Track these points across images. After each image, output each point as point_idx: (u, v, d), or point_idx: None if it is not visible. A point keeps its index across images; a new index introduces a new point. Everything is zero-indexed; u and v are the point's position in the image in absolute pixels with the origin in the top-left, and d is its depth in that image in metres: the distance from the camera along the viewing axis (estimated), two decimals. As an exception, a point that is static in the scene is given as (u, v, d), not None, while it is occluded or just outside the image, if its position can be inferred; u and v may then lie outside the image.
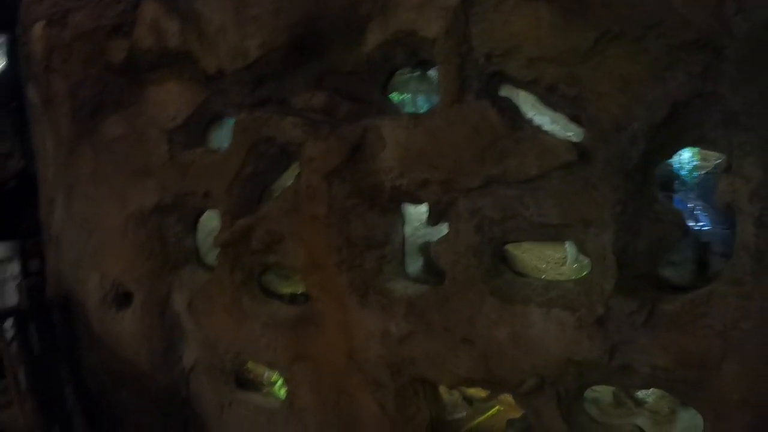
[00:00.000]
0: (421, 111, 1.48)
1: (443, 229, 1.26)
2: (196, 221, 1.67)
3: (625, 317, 1.06)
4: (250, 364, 1.68)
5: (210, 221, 1.65)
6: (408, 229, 1.37)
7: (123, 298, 1.73)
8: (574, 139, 1.09)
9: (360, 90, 1.36)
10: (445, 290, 1.25)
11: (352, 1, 1.33)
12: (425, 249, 1.34)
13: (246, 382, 1.69)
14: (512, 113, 1.16)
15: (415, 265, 1.36)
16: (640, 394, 1.23)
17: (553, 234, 1.13)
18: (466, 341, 1.23)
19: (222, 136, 1.64)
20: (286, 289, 1.54)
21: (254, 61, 1.44)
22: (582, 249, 1.12)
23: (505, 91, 1.20)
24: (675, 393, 1.14)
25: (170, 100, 1.63)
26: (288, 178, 1.50)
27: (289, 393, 1.56)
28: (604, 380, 1.15)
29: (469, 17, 1.16)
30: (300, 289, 1.52)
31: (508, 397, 1.31)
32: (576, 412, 1.20)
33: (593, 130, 1.07)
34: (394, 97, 1.59)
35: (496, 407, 1.38)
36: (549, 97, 1.12)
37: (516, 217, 1.14)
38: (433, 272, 1.34)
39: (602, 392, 1.22)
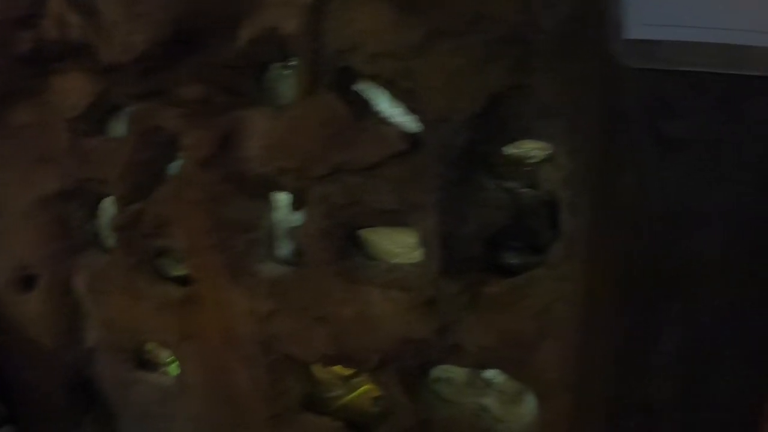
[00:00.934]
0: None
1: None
2: (96, 206, 1.73)
3: (452, 298, 1.14)
4: (149, 345, 1.75)
5: (111, 207, 1.72)
6: (279, 214, 1.44)
7: (28, 280, 1.80)
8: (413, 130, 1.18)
9: (235, 82, 1.43)
10: (302, 272, 1.33)
11: (229, -3, 1.40)
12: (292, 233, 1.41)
13: (145, 362, 1.76)
14: (360, 105, 1.24)
15: (286, 248, 1.44)
16: (488, 374, 1.31)
17: (392, 219, 1.21)
18: (319, 320, 1.31)
19: (121, 126, 1.71)
20: (179, 271, 1.61)
21: (142, 54, 1.51)
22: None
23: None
24: (505, 372, 1.22)
25: (72, 89, 1.70)
26: (177, 166, 1.57)
27: (180, 371, 1.63)
28: (441, 359, 1.24)
29: (322, 15, 1.24)
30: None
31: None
32: (422, 389, 1.29)
33: (423, 121, 1.15)
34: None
35: (367, 386, 1.46)
36: (390, 90, 1.20)
37: (360, 203, 1.22)
38: (301, 255, 1.42)
39: (456, 372, 1.30)
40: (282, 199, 1.44)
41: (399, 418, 1.28)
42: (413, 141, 1.15)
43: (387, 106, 1.27)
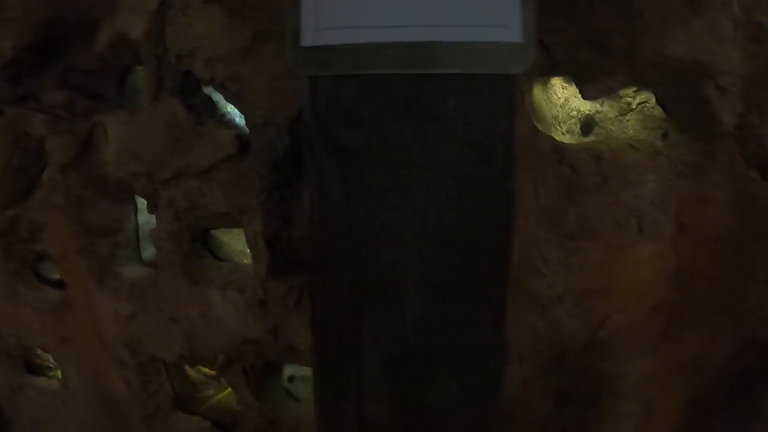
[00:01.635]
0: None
1: (161, 217, 1.35)
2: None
3: (280, 300, 1.16)
4: (39, 349, 1.76)
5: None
6: (143, 217, 1.46)
7: None
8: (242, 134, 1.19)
9: (97, 87, 1.45)
10: (157, 273, 1.34)
11: (89, 3, 1.42)
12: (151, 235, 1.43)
13: (35, 367, 1.77)
14: (203, 109, 1.26)
15: (151, 250, 1.45)
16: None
17: (227, 221, 1.23)
18: (173, 320, 1.33)
19: (2, 131, 1.72)
20: (58, 275, 1.62)
21: (10, 60, 1.52)
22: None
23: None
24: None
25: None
26: (52, 171, 1.58)
27: (62, 375, 1.65)
28: (281, 359, 1.26)
29: (165, 20, 1.25)
30: (66, 276, 1.60)
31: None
32: (270, 388, 1.30)
33: (250, 124, 1.16)
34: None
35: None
36: (223, 94, 1.22)
37: (199, 206, 1.24)
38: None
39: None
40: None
41: (247, 417, 1.30)
42: (243, 145, 1.17)
43: (231, 110, 1.29)
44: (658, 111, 1.27)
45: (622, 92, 1.29)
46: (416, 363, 0.66)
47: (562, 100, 1.29)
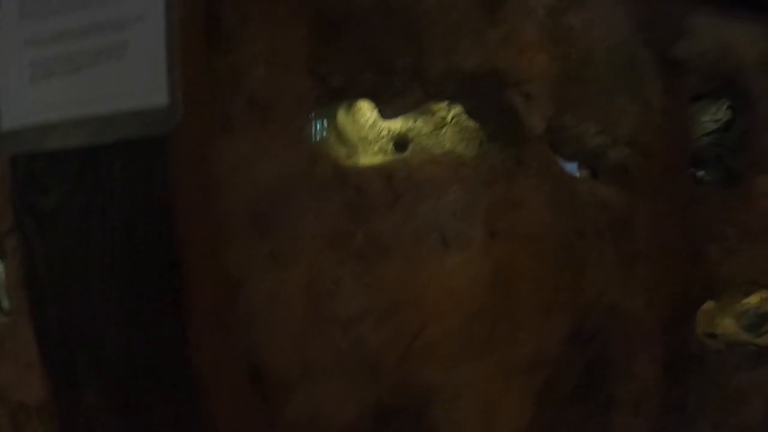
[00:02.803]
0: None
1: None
2: None
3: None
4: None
5: None
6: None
7: None
8: None
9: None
10: (11, 321, 1.37)
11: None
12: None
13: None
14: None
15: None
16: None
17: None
18: (28, 366, 1.35)
19: None
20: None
21: None
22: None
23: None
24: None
25: None
26: None
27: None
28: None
29: None
30: None
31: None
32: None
33: None
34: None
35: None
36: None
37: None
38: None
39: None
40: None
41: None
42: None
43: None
44: (474, 122, 1.32)
45: (435, 106, 1.33)
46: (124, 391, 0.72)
47: (372, 120, 1.33)
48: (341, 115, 1.12)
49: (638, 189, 1.68)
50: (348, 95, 0.99)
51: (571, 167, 1.66)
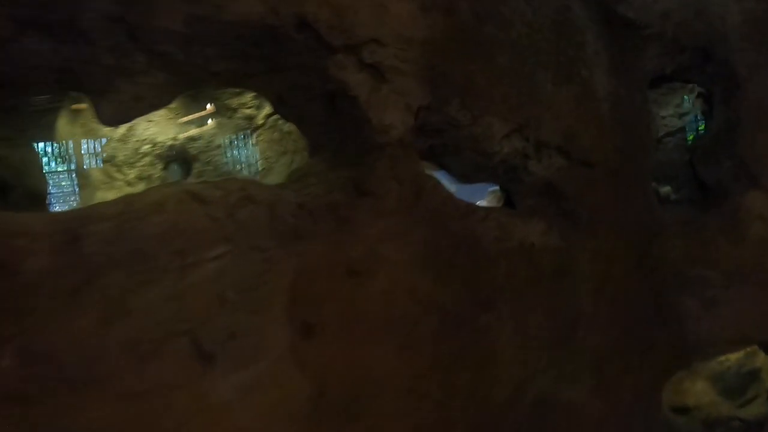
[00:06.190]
0: None
1: None
2: None
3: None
4: None
5: None
6: None
7: None
8: None
9: None
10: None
11: None
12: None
13: None
14: None
15: None
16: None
17: None
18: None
19: None
20: None
21: None
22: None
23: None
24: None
25: None
26: None
27: None
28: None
29: None
30: None
31: None
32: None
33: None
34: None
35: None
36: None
37: None
38: None
39: None
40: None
41: None
42: None
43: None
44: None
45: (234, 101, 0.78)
46: None
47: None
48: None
49: (576, 222, 1.19)
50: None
51: (461, 191, 1.04)
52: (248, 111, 1.02)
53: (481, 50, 1.01)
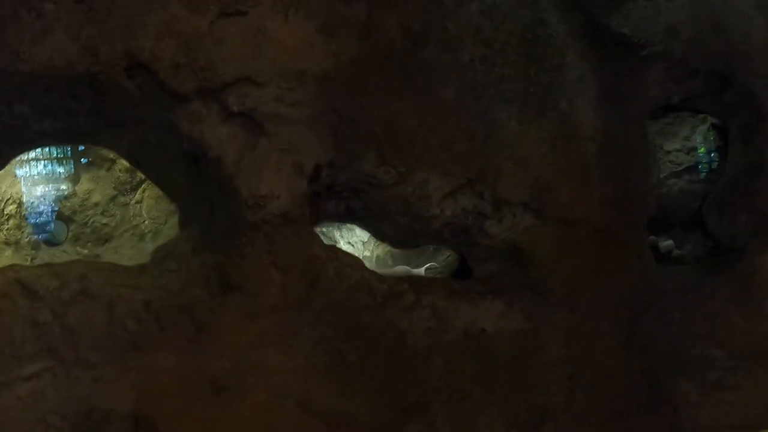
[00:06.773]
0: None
1: None
2: None
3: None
4: None
5: None
6: None
7: None
8: None
9: None
10: None
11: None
12: None
13: None
14: None
15: None
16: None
17: None
18: None
19: None
20: None
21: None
22: None
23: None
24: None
25: None
26: None
27: None
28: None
29: None
30: None
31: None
32: None
33: None
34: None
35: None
36: None
37: None
38: None
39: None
40: None
41: None
42: None
43: None
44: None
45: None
46: None
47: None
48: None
49: (546, 296, 0.99)
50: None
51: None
52: (121, 173, 0.87)
53: (414, 82, 0.77)
